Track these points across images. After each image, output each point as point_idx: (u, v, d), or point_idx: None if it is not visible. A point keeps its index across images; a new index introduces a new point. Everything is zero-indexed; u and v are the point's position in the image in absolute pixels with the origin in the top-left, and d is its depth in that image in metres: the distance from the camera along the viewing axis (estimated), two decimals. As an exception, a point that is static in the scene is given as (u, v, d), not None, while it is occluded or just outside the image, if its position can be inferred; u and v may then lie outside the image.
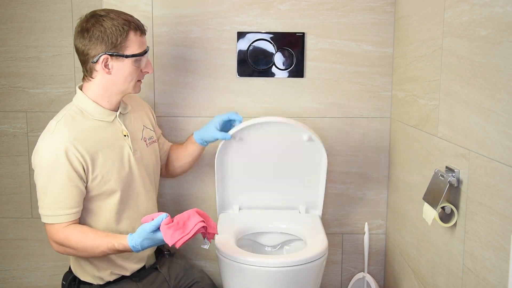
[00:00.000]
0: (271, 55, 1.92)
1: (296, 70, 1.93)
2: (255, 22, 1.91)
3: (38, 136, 1.51)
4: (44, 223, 1.50)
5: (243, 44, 1.91)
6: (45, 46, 2.07)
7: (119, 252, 1.47)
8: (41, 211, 1.49)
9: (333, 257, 2.06)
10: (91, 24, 1.48)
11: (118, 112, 1.59)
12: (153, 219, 1.39)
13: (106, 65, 1.49)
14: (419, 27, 1.61)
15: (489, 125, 1.11)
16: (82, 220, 1.54)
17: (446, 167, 1.34)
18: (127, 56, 1.49)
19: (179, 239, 1.35)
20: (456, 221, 1.29)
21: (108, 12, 1.50)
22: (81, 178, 1.47)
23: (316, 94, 1.95)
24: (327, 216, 2.02)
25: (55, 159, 1.44)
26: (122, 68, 1.51)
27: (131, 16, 1.53)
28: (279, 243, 1.83)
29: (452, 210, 1.30)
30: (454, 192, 1.31)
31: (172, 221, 1.38)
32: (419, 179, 1.60)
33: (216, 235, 1.45)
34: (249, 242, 1.80)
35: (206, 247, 1.42)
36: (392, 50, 1.92)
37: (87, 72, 1.53)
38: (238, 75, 1.93)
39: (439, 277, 1.44)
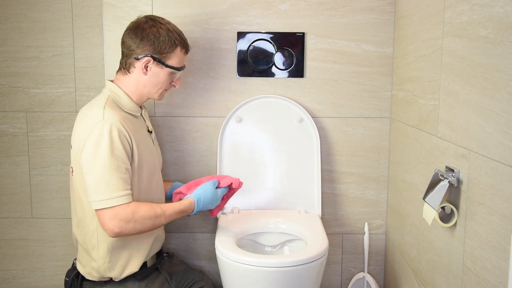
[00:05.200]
0: (271, 55, 1.92)
1: (296, 70, 1.92)
2: (255, 22, 1.91)
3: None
4: (106, 207, 1.44)
5: (243, 44, 1.91)
6: (45, 46, 2.07)
7: (182, 212, 1.57)
8: (103, 195, 1.44)
9: (333, 257, 2.06)
10: (149, 26, 1.58)
11: (142, 110, 1.68)
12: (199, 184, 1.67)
13: (146, 66, 1.58)
14: (419, 27, 1.61)
15: (489, 125, 1.11)
16: None
17: (446, 167, 1.34)
18: (167, 66, 1.60)
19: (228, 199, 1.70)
20: (456, 221, 1.29)
21: (167, 22, 1.62)
22: (129, 159, 1.50)
23: (316, 94, 1.95)
24: (327, 216, 2.02)
25: (111, 142, 1.45)
26: (158, 74, 1.60)
27: (183, 35, 1.65)
28: (279, 243, 1.83)
29: (452, 210, 1.30)
30: (454, 192, 1.31)
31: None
32: (419, 179, 1.60)
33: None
34: (249, 242, 1.80)
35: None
36: (392, 50, 1.92)
37: (126, 65, 1.61)
38: (238, 75, 1.93)
39: (439, 277, 1.44)
